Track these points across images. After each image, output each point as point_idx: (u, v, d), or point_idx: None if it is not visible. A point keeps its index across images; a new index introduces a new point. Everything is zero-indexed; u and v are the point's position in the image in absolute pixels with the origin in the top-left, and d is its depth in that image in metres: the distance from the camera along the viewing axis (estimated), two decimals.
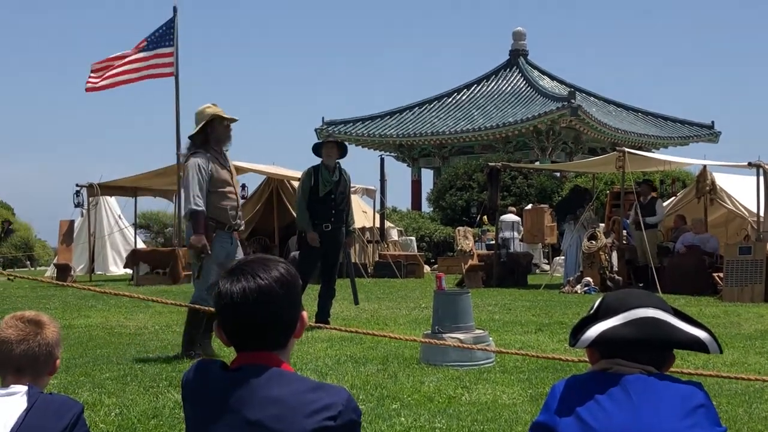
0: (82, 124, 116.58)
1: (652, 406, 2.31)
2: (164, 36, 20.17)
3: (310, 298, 10.84)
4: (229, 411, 2.17)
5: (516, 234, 23.80)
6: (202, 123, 7.85)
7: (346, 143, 10.53)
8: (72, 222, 22.56)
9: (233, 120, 8.04)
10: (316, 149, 10.18)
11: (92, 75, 20.06)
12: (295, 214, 14.43)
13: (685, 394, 2.34)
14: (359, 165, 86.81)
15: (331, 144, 10.23)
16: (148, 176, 22.39)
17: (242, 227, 8.28)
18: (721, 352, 2.53)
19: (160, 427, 5.19)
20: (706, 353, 2.53)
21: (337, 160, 10.19)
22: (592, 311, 2.55)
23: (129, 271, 21.96)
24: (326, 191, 10.04)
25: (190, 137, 8.01)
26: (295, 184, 22.21)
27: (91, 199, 22.65)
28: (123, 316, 11.90)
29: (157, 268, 19.76)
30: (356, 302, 11.20)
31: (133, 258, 20.52)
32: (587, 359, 2.59)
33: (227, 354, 7.02)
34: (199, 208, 7.70)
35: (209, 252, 7.73)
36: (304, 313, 2.35)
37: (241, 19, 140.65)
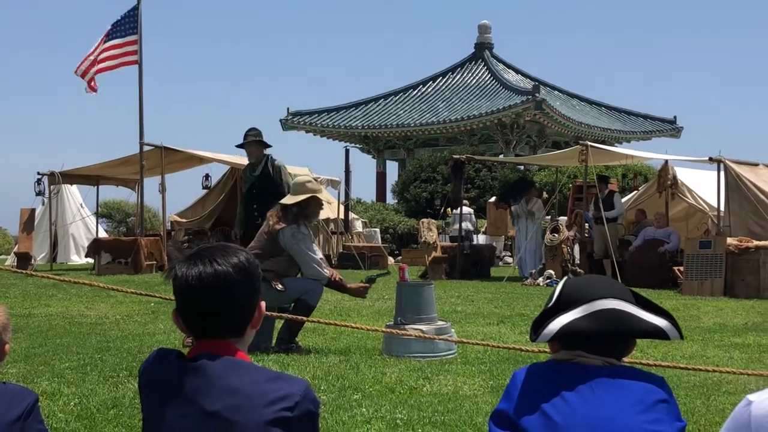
0: (44, 112, 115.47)
1: (614, 401, 2.32)
2: (128, 24, 19.96)
3: None
4: (186, 401, 2.16)
5: (470, 225, 23.84)
6: (301, 198, 7.90)
7: (267, 142, 11.17)
8: (33, 210, 22.32)
9: (328, 202, 8.36)
10: (243, 147, 10.99)
11: (84, 72, 19.80)
12: None
13: (648, 389, 2.36)
14: (324, 156, 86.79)
15: (251, 144, 10.91)
16: (111, 165, 22.19)
17: None
18: (682, 338, 2.55)
19: (119, 417, 5.16)
20: (668, 340, 2.55)
21: (268, 154, 10.86)
22: (552, 302, 2.55)
23: (91, 260, 21.77)
24: (247, 188, 10.89)
25: (282, 205, 8.02)
26: None
27: (52, 187, 22.40)
28: (84, 306, 11.81)
29: (119, 257, 19.57)
30: None
31: (95, 247, 20.33)
32: (548, 350, 2.60)
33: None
34: (329, 274, 7.94)
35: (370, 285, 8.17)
36: (263, 303, 2.34)
37: (206, 7, 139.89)
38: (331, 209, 23.98)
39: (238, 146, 11.01)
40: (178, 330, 8.85)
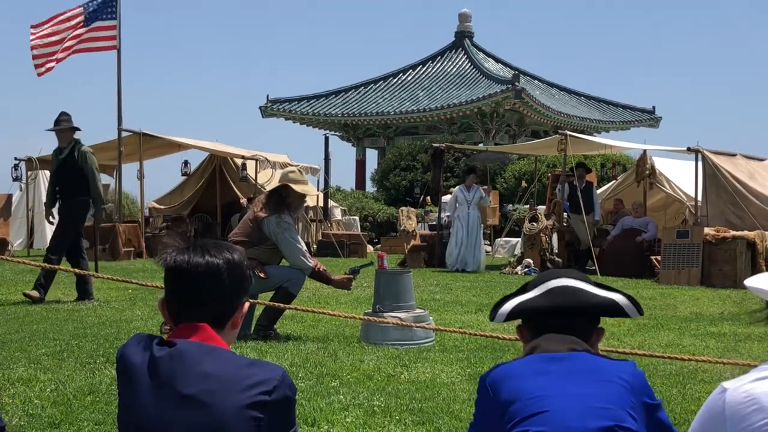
0: (20, 97, 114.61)
1: (586, 385, 2.34)
2: (106, 8, 19.81)
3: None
4: (163, 386, 2.16)
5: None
6: (281, 184, 8.00)
7: (78, 127, 11.22)
8: (10, 196, 22.17)
9: (309, 194, 8.47)
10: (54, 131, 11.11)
11: (36, 54, 19.59)
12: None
13: (613, 374, 2.38)
14: (303, 143, 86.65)
15: (61, 129, 10.98)
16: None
17: None
18: (641, 314, 2.58)
19: (96, 404, 5.14)
20: (627, 317, 2.58)
21: (77, 139, 10.99)
22: (520, 287, 2.64)
23: None
24: (53, 170, 11.17)
25: (266, 192, 8.17)
26: (239, 161, 22.17)
27: (29, 173, 22.29)
28: (60, 292, 11.76)
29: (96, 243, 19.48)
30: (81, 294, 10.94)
31: None
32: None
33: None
34: (314, 264, 7.99)
35: (354, 277, 8.27)
36: (246, 304, 2.38)
37: None
38: (310, 197, 23.94)
39: (49, 130, 11.16)
40: (155, 316, 8.84)
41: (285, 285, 7.84)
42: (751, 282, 2.02)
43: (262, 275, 7.65)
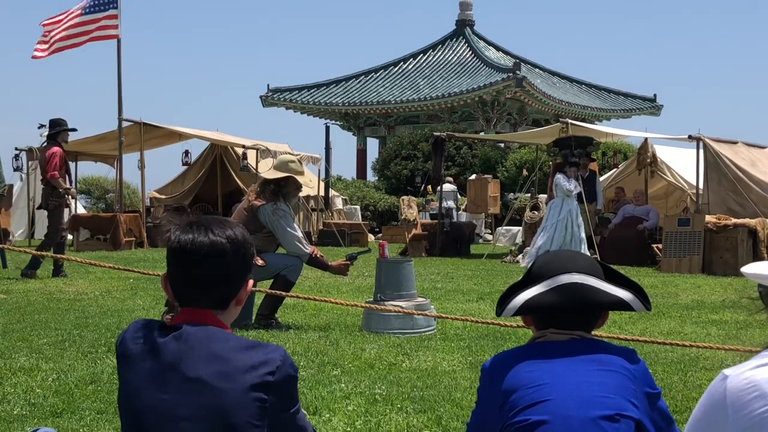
0: (21, 87, 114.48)
1: (587, 374, 2.34)
2: None
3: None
4: (168, 369, 2.18)
5: (451, 203, 23.82)
6: (280, 177, 7.96)
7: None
8: (11, 186, 22.15)
9: (307, 185, 8.39)
10: None
11: (41, 40, 19.64)
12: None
13: (612, 360, 2.38)
14: (304, 133, 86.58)
15: None
16: (90, 141, 22.06)
17: None
18: (649, 310, 2.58)
19: (98, 393, 5.15)
20: (633, 311, 2.58)
21: None
22: (522, 277, 2.61)
23: (69, 236, 21.68)
24: None
25: (262, 180, 8.18)
26: (240, 151, 22.16)
27: (30, 163, 22.25)
28: (62, 282, 11.77)
29: (97, 233, 19.52)
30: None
31: (74, 223, 20.23)
32: (526, 326, 2.63)
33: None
34: (311, 251, 7.96)
35: (351, 263, 8.19)
36: (251, 281, 2.38)
37: None
38: (311, 186, 23.94)
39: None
40: (157, 306, 8.84)
41: (283, 273, 7.84)
42: (748, 269, 2.02)
43: (259, 263, 7.64)
